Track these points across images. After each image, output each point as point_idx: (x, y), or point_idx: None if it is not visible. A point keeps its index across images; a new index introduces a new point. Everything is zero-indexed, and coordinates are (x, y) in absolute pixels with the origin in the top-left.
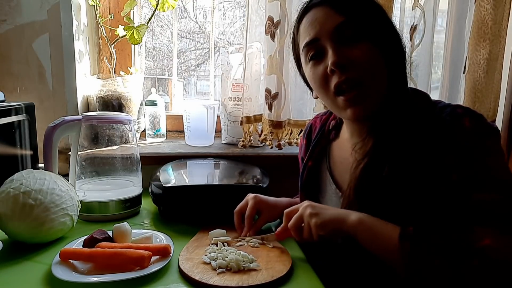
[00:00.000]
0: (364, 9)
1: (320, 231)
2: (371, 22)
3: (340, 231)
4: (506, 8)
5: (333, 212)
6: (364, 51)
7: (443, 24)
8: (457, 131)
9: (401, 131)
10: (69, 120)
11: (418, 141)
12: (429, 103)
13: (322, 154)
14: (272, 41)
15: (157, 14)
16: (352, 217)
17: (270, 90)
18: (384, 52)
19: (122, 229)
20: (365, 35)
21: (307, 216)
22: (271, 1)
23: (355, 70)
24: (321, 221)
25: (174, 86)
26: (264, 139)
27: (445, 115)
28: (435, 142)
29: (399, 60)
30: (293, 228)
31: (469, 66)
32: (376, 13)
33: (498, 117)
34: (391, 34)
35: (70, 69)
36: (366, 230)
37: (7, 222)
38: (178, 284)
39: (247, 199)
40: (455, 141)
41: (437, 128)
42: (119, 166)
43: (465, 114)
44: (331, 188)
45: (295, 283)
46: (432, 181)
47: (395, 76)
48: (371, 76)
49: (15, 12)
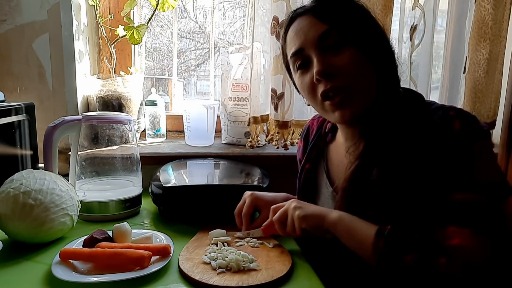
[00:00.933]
0: (347, 15)
1: (302, 223)
2: (355, 27)
3: (321, 227)
4: (507, 8)
5: (315, 208)
6: (348, 57)
7: (443, 24)
8: (447, 134)
9: (392, 133)
10: (69, 120)
11: (408, 144)
12: (422, 104)
13: (319, 156)
14: (277, 41)
15: (157, 14)
16: (333, 214)
17: (276, 90)
18: (370, 56)
19: (122, 229)
20: (349, 41)
21: (291, 209)
22: (276, 1)
23: (341, 78)
24: (304, 214)
25: (174, 86)
26: (270, 139)
27: (436, 118)
28: (424, 144)
29: (387, 62)
30: (277, 222)
31: (469, 66)
32: (360, 18)
33: (498, 117)
34: (377, 37)
35: (70, 69)
36: (344, 227)
37: (7, 222)
38: (178, 284)
39: (244, 197)
40: (443, 143)
41: (428, 131)
42: (119, 166)
43: (456, 116)
44: (328, 191)
45: (295, 283)
46: (418, 182)
47: (384, 79)
48: (357, 81)
49: (15, 12)
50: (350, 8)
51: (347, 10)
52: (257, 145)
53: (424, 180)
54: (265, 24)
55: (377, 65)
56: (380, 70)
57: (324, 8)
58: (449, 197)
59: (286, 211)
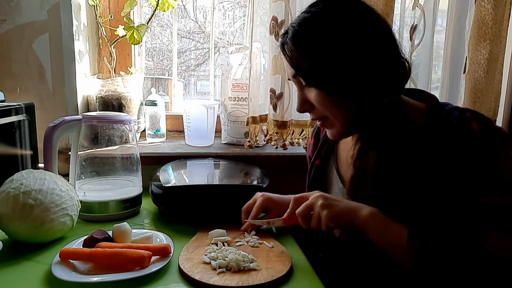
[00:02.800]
0: (310, 58)
1: (330, 223)
2: (316, 72)
3: (350, 224)
4: (507, 8)
5: (345, 204)
6: (316, 96)
7: (443, 24)
8: (466, 135)
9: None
10: (69, 120)
11: (422, 143)
12: (437, 105)
13: (330, 153)
14: (276, 41)
15: (157, 14)
16: (364, 210)
17: (275, 90)
18: (338, 92)
19: (122, 229)
20: (312, 83)
21: (318, 207)
22: (275, 1)
23: (316, 111)
24: (333, 214)
25: (174, 86)
26: (269, 139)
27: (452, 119)
28: (442, 144)
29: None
30: (301, 216)
31: (469, 66)
32: (325, 57)
33: (498, 117)
34: (342, 74)
35: (70, 69)
36: (377, 224)
37: (7, 222)
38: (178, 284)
39: (255, 197)
40: (463, 144)
41: (445, 131)
42: (119, 166)
43: (472, 118)
44: (338, 187)
45: (295, 283)
46: (437, 182)
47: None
48: (330, 112)
49: (15, 12)
50: (315, 48)
51: (311, 52)
52: (256, 145)
53: (444, 179)
54: (265, 24)
55: (348, 92)
56: (356, 93)
57: (290, 50)
58: (479, 200)
59: (311, 206)
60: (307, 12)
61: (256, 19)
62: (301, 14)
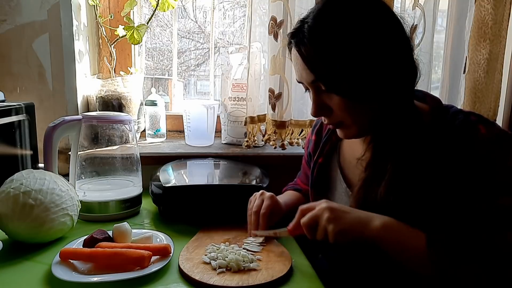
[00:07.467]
0: (332, 65)
1: (338, 238)
2: (340, 78)
3: (360, 238)
4: (507, 8)
5: (354, 217)
6: (337, 102)
7: (443, 24)
8: (474, 138)
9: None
10: (69, 120)
11: (428, 146)
12: (441, 108)
13: (333, 151)
14: (275, 41)
15: (157, 14)
16: (376, 222)
17: (274, 90)
18: (360, 99)
19: (122, 229)
20: (335, 90)
21: (324, 221)
22: (274, 1)
23: (334, 116)
24: (340, 228)
25: (174, 86)
26: (268, 139)
27: (458, 122)
28: (451, 148)
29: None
30: (306, 227)
31: (469, 66)
32: (350, 61)
33: (498, 117)
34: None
35: (70, 69)
36: (391, 234)
37: (7, 222)
38: (178, 284)
39: (262, 197)
40: (473, 147)
41: (451, 134)
42: (119, 166)
43: (478, 121)
44: (342, 187)
45: (295, 283)
46: (448, 187)
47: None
48: (349, 117)
49: (15, 12)
50: (337, 55)
51: (334, 59)
52: (254, 145)
53: (458, 185)
54: (264, 24)
55: (373, 98)
56: (379, 98)
57: (309, 54)
58: (495, 202)
59: (317, 218)
60: (325, 13)
61: (256, 19)
62: (318, 14)
